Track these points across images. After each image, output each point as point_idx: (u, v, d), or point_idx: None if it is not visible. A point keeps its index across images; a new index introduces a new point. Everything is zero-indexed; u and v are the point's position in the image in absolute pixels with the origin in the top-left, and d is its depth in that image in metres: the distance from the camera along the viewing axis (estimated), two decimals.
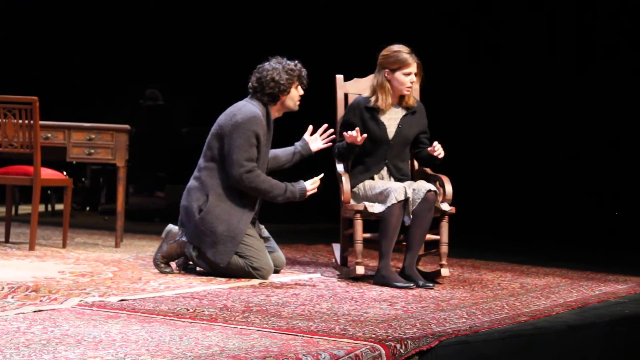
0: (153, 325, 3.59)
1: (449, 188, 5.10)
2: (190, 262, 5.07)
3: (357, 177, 5.19)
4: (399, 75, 5.14)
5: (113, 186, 6.80)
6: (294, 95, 5.06)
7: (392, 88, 5.18)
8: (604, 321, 4.22)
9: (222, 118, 5.01)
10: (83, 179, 9.89)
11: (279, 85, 4.97)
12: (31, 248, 5.89)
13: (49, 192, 9.10)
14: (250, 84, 5.05)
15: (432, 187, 4.99)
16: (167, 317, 3.75)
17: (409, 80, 5.15)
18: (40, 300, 4.00)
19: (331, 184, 5.35)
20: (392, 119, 5.22)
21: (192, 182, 5.03)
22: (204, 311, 3.92)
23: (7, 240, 6.29)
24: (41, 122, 5.96)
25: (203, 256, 4.95)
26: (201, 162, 5.03)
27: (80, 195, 9.83)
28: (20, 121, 5.87)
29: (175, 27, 10.19)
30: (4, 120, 5.88)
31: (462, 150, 8.77)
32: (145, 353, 3.10)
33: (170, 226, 5.08)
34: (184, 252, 5.02)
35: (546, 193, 8.83)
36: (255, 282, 4.86)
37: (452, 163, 6.10)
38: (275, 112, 5.08)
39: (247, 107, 4.96)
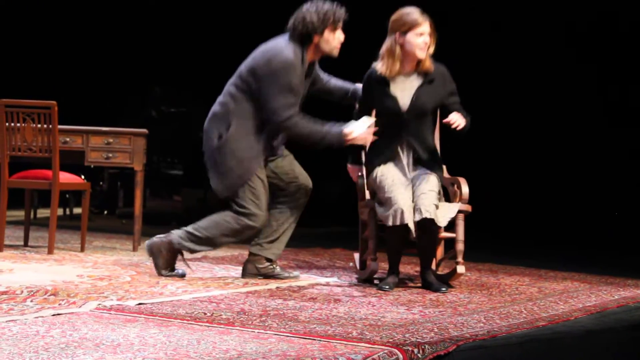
0: (171, 329, 3.60)
1: (465, 189, 5.04)
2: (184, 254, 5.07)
3: (372, 161, 4.97)
4: (411, 36, 4.82)
5: (131, 190, 6.82)
6: (329, 39, 4.88)
7: (404, 53, 4.88)
8: (623, 326, 4.20)
9: (259, 56, 4.88)
10: (101, 183, 9.92)
11: (308, 26, 4.83)
12: (50, 252, 5.91)
13: (67, 195, 9.13)
14: (288, 23, 4.93)
15: (430, 213, 4.70)
16: (185, 321, 3.76)
17: (422, 40, 4.84)
18: (59, 304, 4.02)
19: (349, 186, 5.29)
20: (405, 89, 4.89)
21: (217, 107, 4.97)
22: (221, 315, 3.93)
23: (25, 244, 6.32)
24: (60, 127, 5.98)
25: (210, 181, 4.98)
26: (231, 89, 4.94)
27: (98, 199, 9.86)
28: (39, 125, 5.90)
29: (192, 30, 10.22)
30: (23, 124, 5.91)
31: (480, 152, 8.76)
32: (163, 357, 3.11)
33: (148, 242, 5.04)
34: (178, 250, 5.01)
35: (564, 195, 8.79)
36: (273, 286, 4.86)
37: (470, 165, 6.08)
38: (311, 54, 4.91)
39: (283, 53, 4.82)
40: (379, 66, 4.91)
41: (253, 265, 5.07)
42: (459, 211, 4.98)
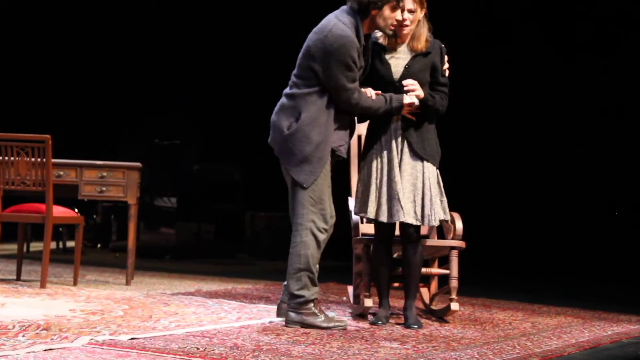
0: None
1: (459, 225, 5.07)
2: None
3: (368, 142, 4.92)
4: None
5: (124, 223, 6.82)
6: (387, 16, 4.74)
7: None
8: None
9: (313, 37, 4.72)
10: (94, 216, 9.93)
11: None
12: (42, 286, 5.90)
13: (60, 229, 9.13)
14: None
15: (412, 219, 4.73)
16: (178, 356, 3.75)
17: (396, 16, 4.75)
18: (51, 339, 4.01)
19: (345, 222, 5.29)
20: (400, 59, 4.85)
21: (284, 99, 4.80)
22: (214, 350, 3.92)
23: (18, 278, 6.30)
24: (53, 160, 5.99)
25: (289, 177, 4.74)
26: (294, 79, 4.80)
27: (91, 232, 9.87)
28: (33, 159, 5.91)
29: (187, 62, 10.27)
30: (17, 158, 5.92)
31: (474, 187, 8.78)
32: None
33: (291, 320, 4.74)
34: (309, 308, 4.72)
35: (557, 228, 8.80)
36: (266, 320, 4.85)
37: (464, 199, 6.08)
38: (365, 28, 4.78)
39: (337, 28, 4.65)
40: (379, 33, 4.87)
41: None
42: (453, 247, 5.00)
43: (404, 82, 4.78)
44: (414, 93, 4.76)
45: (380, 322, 4.83)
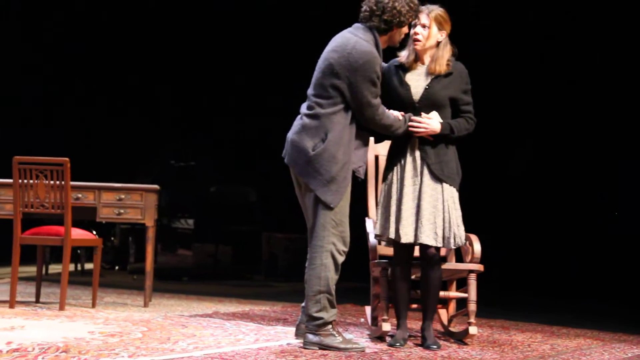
0: None
1: (477, 247, 5.06)
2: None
3: (388, 163, 4.92)
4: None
5: (142, 245, 6.84)
6: (403, 32, 4.79)
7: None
8: None
9: (334, 55, 4.68)
10: (112, 238, 9.97)
11: (400, 16, 4.70)
12: (61, 308, 5.92)
13: (78, 251, 9.17)
14: (365, 7, 4.75)
15: (433, 240, 4.72)
16: None
17: (411, 32, 4.81)
18: None
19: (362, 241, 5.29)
20: (420, 80, 4.87)
21: (306, 120, 4.73)
22: None
23: (37, 301, 6.33)
24: (72, 183, 6.03)
25: (309, 198, 4.71)
26: (316, 99, 4.72)
27: (109, 255, 9.90)
28: (52, 182, 5.94)
29: (203, 85, 10.33)
30: (36, 181, 5.96)
31: (492, 207, 8.76)
32: None
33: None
34: (328, 329, 4.71)
35: (576, 248, 8.77)
36: (284, 342, 4.84)
37: (482, 220, 6.08)
38: (383, 44, 4.79)
39: (360, 44, 4.65)
40: (402, 54, 4.90)
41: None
42: (471, 271, 4.98)
43: (416, 122, 4.76)
44: (419, 130, 4.75)
45: (398, 344, 4.82)
